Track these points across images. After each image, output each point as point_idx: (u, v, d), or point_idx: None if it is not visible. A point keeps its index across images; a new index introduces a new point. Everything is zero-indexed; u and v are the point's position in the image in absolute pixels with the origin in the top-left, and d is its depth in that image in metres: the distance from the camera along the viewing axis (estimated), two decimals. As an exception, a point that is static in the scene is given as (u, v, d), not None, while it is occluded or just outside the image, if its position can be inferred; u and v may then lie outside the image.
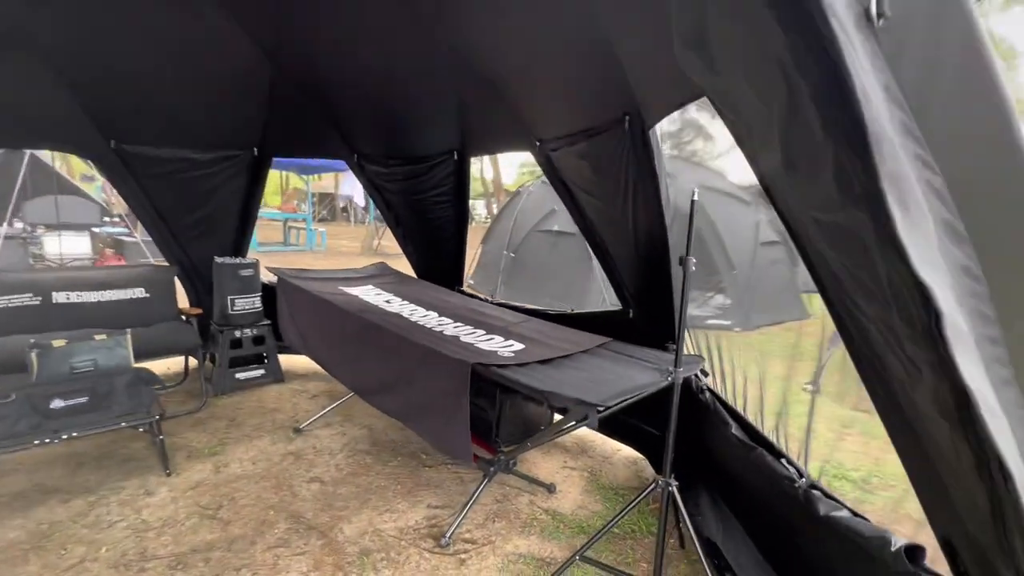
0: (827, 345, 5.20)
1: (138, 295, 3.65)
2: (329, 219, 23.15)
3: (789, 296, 7.89)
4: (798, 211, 1.03)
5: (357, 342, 2.67)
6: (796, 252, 1.27)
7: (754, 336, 6.51)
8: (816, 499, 1.44)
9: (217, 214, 4.04)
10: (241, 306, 4.01)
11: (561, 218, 7.57)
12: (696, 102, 1.74)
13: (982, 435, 0.69)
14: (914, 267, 0.68)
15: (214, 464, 2.82)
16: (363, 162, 3.85)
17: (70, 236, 7.49)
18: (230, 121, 3.62)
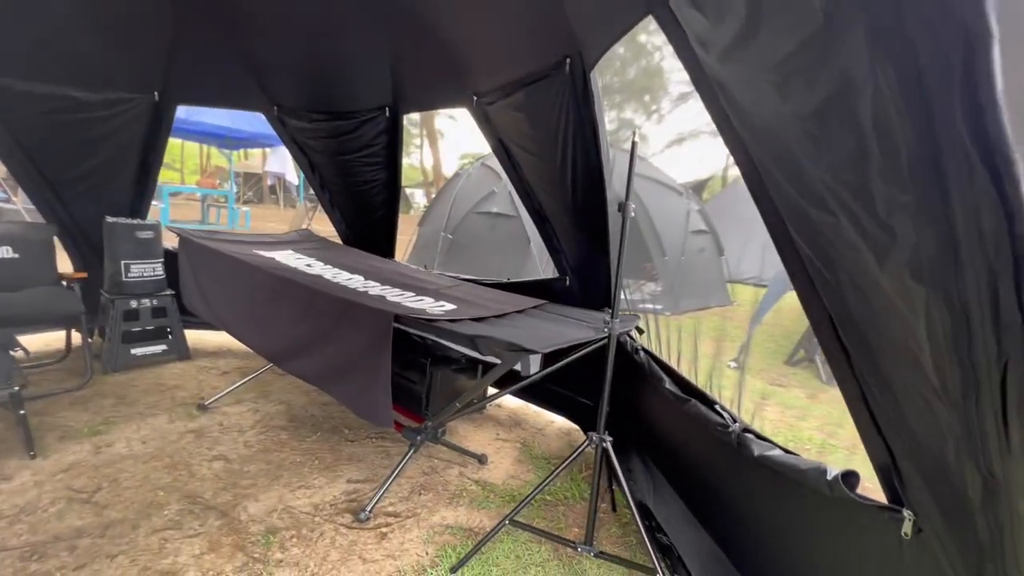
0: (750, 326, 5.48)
1: (5, 255, 3.11)
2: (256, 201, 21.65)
3: (716, 283, 8.28)
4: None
5: (269, 302, 2.40)
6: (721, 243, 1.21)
7: (684, 320, 6.73)
8: (749, 441, 1.41)
9: (108, 168, 3.53)
10: (138, 272, 3.55)
11: (500, 200, 7.46)
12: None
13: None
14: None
15: (93, 445, 2.44)
16: (283, 116, 3.50)
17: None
18: (126, 57, 3.14)
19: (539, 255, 6.89)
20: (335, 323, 1.99)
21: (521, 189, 2.84)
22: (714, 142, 22.33)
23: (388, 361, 1.76)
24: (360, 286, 2.50)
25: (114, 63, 3.14)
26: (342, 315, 1.96)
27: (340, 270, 2.84)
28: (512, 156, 2.76)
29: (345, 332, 1.95)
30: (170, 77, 3.32)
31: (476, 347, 1.54)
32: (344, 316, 1.95)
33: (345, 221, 3.94)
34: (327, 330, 2.03)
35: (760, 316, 4.85)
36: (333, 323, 1.99)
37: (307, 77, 3.29)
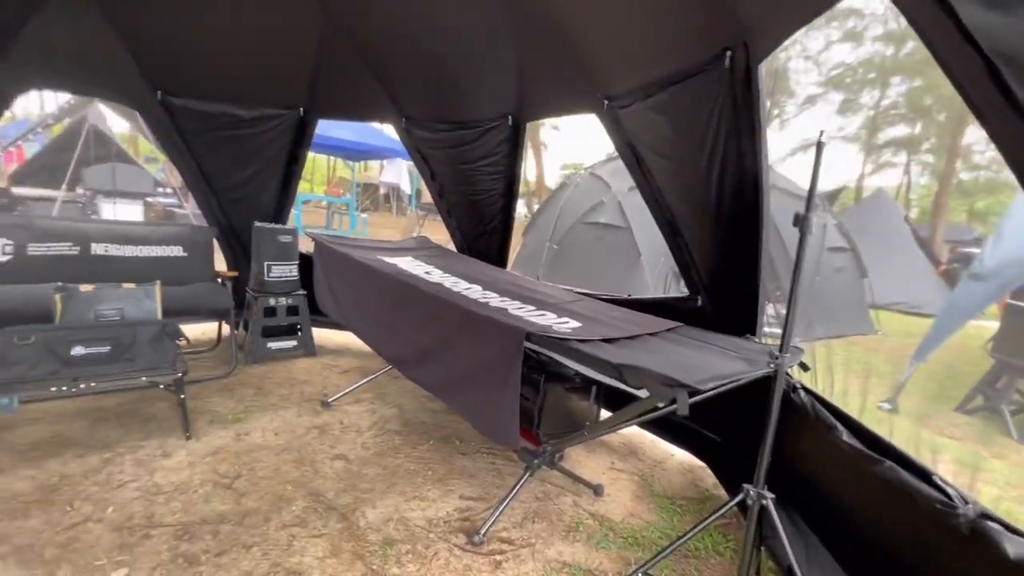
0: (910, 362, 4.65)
1: (176, 253, 3.55)
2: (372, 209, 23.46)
3: (856, 308, 7.25)
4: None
5: (394, 308, 2.43)
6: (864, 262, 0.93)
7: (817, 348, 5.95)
8: (994, 534, 1.06)
9: (259, 177, 3.91)
10: (278, 273, 3.86)
11: (608, 210, 7.20)
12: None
13: None
14: None
15: (235, 432, 2.64)
16: (410, 126, 3.62)
17: (124, 203, 7.68)
18: (277, 77, 3.46)
19: (650, 269, 6.52)
20: (460, 334, 1.93)
21: (651, 198, 2.61)
22: (847, 148, 19.93)
23: (517, 380, 1.64)
24: (480, 296, 2.45)
25: (268, 82, 3.46)
26: (467, 327, 1.89)
27: (459, 279, 2.82)
28: (643, 162, 2.55)
29: (470, 345, 1.88)
30: (313, 94, 3.59)
31: (621, 377, 1.37)
32: (470, 328, 1.88)
33: (461, 229, 3.97)
34: (451, 341, 1.98)
35: (925, 353, 4.08)
36: (458, 334, 1.94)
37: (434, 89, 3.36)
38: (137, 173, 7.86)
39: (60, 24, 2.82)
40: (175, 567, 1.68)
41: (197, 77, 3.31)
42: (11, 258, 3.01)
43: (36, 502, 1.93)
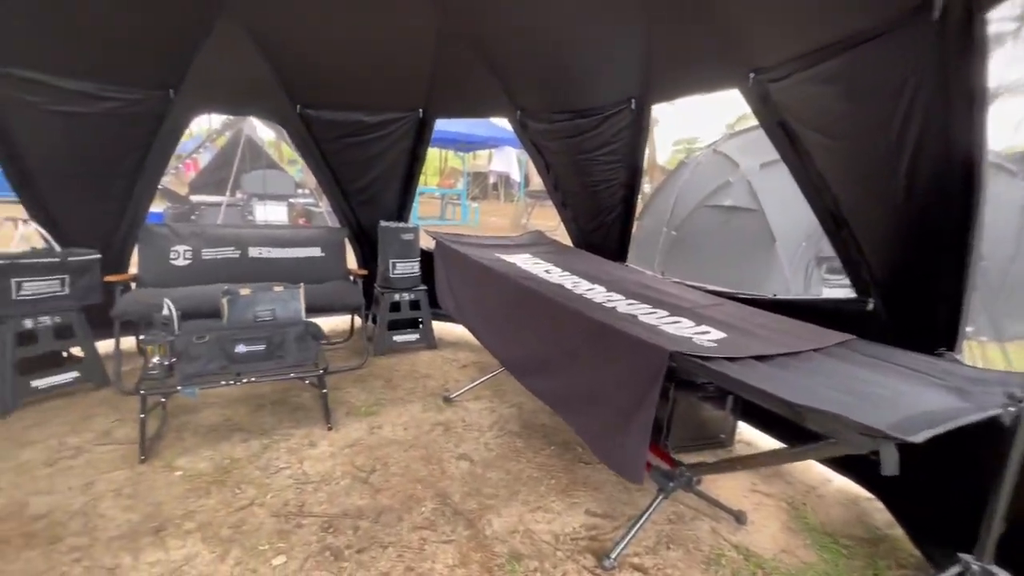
0: None
1: (315, 254, 3.87)
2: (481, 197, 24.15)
3: (1069, 300, 5.78)
4: None
5: (513, 311, 2.37)
6: None
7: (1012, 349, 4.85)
8: None
9: (384, 178, 4.11)
10: (401, 270, 4.05)
11: (737, 191, 6.51)
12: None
13: None
14: None
15: (369, 424, 2.80)
16: (525, 119, 3.52)
17: (272, 205, 8.68)
18: (398, 82, 3.57)
19: (787, 259, 5.79)
20: (587, 347, 1.80)
21: (808, 183, 2.22)
22: (1052, 96, 15.98)
23: (652, 407, 1.47)
24: (603, 299, 2.29)
25: (390, 88, 3.58)
26: (597, 340, 1.75)
27: (580, 278, 2.68)
28: (798, 142, 2.17)
29: (598, 361, 1.74)
30: (431, 95, 3.65)
31: (801, 419, 1.13)
32: (599, 342, 1.74)
33: (577, 222, 3.82)
34: (576, 353, 1.86)
35: None
36: (585, 347, 1.81)
37: (550, 79, 3.22)
38: (282, 177, 8.83)
39: (220, 54, 3.16)
40: (323, 559, 1.80)
41: (328, 89, 3.54)
42: (190, 262, 3.50)
43: (214, 482, 2.20)
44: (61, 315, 2.92)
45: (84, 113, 2.96)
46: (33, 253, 2.81)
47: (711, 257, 6.52)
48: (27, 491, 2.08)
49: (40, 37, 2.68)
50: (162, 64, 3.10)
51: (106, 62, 2.92)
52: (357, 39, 3.30)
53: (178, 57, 3.10)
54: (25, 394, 2.78)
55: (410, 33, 3.27)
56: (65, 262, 2.91)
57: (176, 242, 3.49)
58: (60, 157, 3.06)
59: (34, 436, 2.51)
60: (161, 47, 3.02)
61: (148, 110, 3.20)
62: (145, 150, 3.36)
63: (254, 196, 8.80)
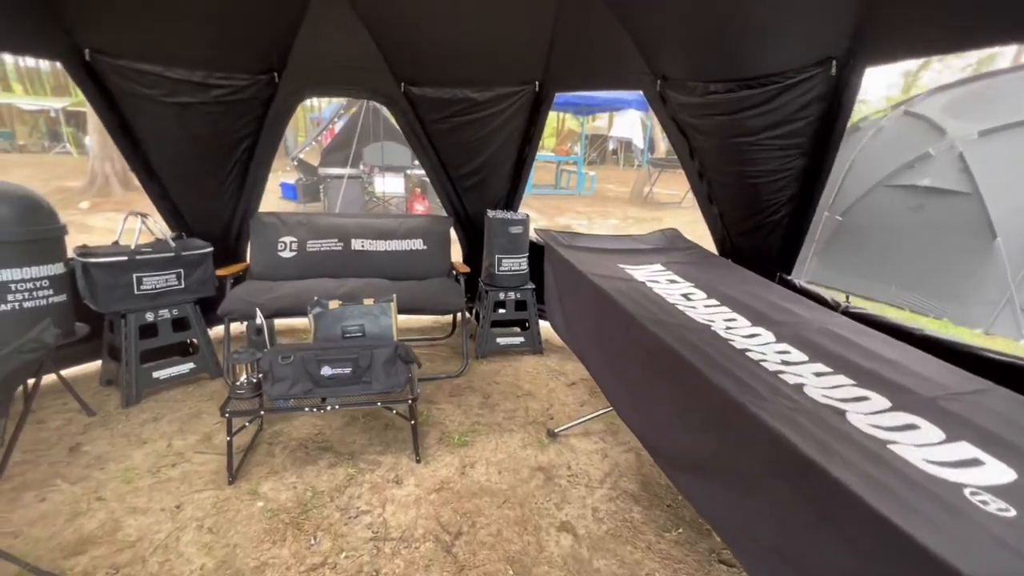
0: None
1: (416, 247, 3.58)
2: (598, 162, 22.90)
3: None
4: None
5: (644, 369, 1.79)
6: None
7: None
8: None
9: (493, 161, 3.65)
10: (507, 266, 3.62)
11: (939, 166, 4.98)
12: None
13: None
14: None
15: (461, 459, 2.46)
16: (668, 89, 2.77)
17: (390, 177, 8.78)
18: (511, 53, 3.02)
19: (1014, 262, 4.30)
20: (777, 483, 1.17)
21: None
22: None
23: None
24: (775, 358, 1.60)
25: (501, 61, 3.05)
26: (797, 481, 1.11)
27: (734, 313, 1.99)
28: None
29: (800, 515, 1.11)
30: (550, 65, 3.04)
31: None
32: (801, 483, 1.10)
33: (725, 220, 3.02)
34: (752, 480, 1.25)
35: None
36: (771, 479, 1.19)
37: (707, 37, 2.43)
38: (399, 149, 8.84)
39: (322, 33, 2.87)
40: (390, 669, 1.48)
41: (434, 64, 3.11)
42: (295, 254, 3.40)
43: (291, 523, 2.01)
44: (178, 308, 2.97)
45: (195, 103, 2.87)
46: (149, 249, 2.84)
47: (892, 255, 5.16)
48: (126, 507, 2.06)
49: (148, 29, 2.58)
50: (265, 47, 2.90)
51: (212, 50, 2.78)
52: (466, 11, 2.80)
53: (280, 39, 2.87)
54: (147, 384, 2.88)
55: None
56: (179, 256, 2.92)
57: (283, 232, 3.41)
58: (178, 148, 3.05)
59: (147, 434, 2.55)
60: (263, 30, 2.81)
61: (254, 95, 3.05)
62: (255, 137, 3.27)
63: (374, 168, 8.97)
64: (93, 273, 2.65)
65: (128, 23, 2.53)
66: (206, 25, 2.64)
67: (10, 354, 1.31)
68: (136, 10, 2.49)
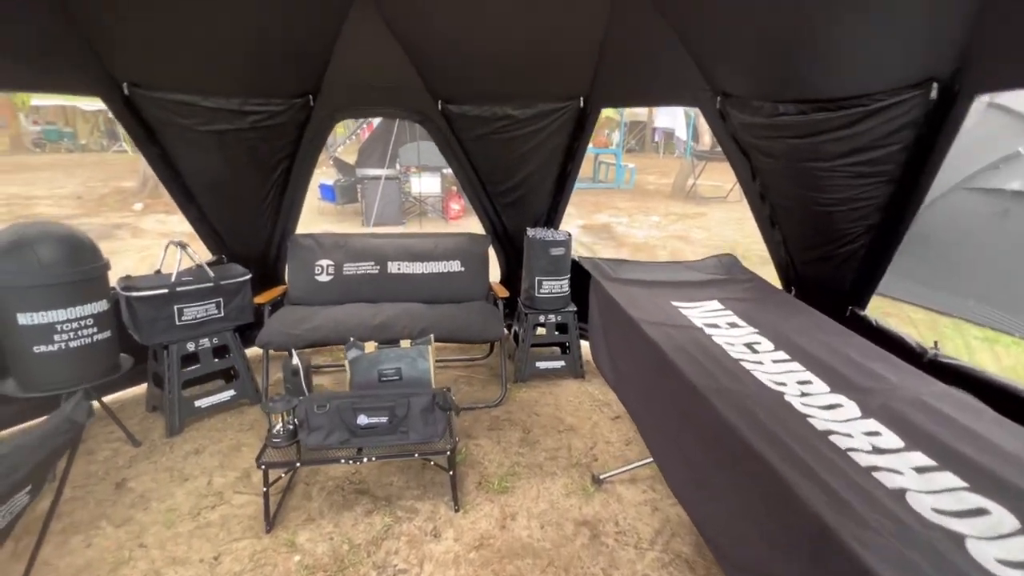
0: None
1: (454, 268, 3.46)
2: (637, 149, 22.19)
3: None
4: None
5: (706, 451, 1.60)
6: None
7: None
8: None
9: (534, 178, 3.48)
10: (548, 288, 3.46)
11: (1031, 169, 4.45)
12: None
13: None
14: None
15: (501, 508, 2.34)
16: (729, 107, 2.51)
17: (427, 177, 8.71)
18: (554, 68, 2.82)
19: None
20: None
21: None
22: None
23: None
24: (867, 448, 1.38)
25: (545, 78, 2.86)
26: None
27: (810, 373, 1.77)
28: None
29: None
30: (596, 80, 2.82)
31: None
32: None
33: (789, 246, 2.76)
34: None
35: None
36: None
37: (779, 52, 2.15)
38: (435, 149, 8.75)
39: (356, 55, 2.77)
40: None
41: (471, 82, 2.96)
42: (332, 278, 3.35)
43: (327, 583, 1.95)
44: (218, 336, 2.96)
45: (232, 129, 2.82)
46: (190, 278, 2.83)
47: (970, 265, 4.69)
48: (166, 555, 2.05)
49: (184, 61, 2.53)
50: (300, 72, 2.82)
51: (247, 77, 2.72)
52: (507, 20, 2.61)
53: (315, 62, 2.77)
54: (189, 413, 2.90)
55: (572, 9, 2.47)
56: (218, 286, 2.90)
57: (320, 255, 3.36)
58: (216, 173, 3.03)
59: (189, 469, 2.56)
60: (297, 55, 2.72)
61: (290, 119, 2.99)
62: (291, 159, 3.21)
63: (411, 168, 8.92)
64: (136, 306, 2.66)
65: (164, 56, 2.49)
66: (241, 54, 2.57)
67: (42, 442, 1.27)
68: (172, 44, 2.43)
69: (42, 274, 2.24)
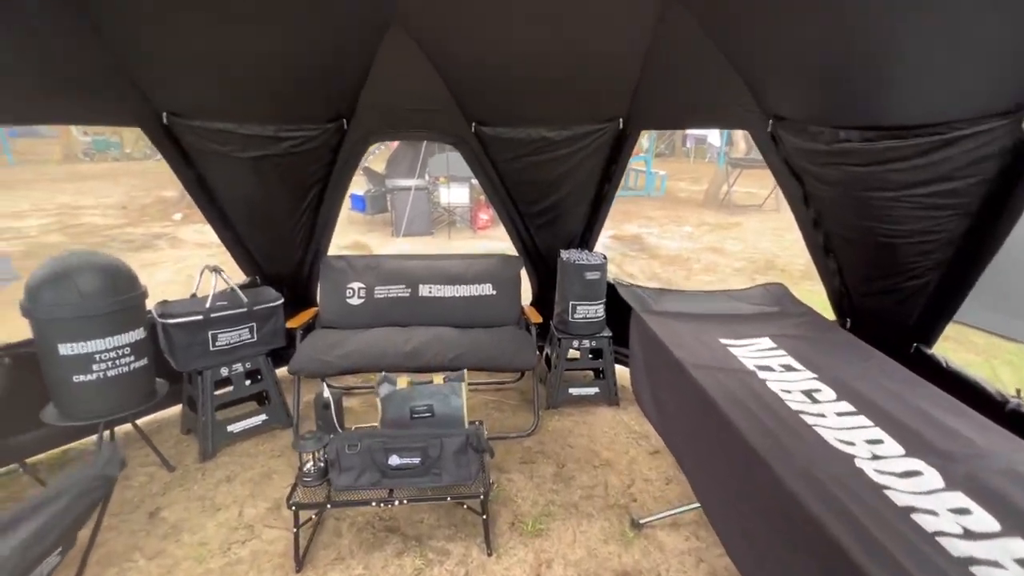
0: None
1: (485, 292, 3.38)
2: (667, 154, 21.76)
3: None
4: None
5: (768, 525, 1.46)
6: None
7: None
8: None
9: (568, 199, 3.37)
10: (583, 313, 3.34)
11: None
12: None
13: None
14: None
15: (536, 553, 2.24)
16: (781, 131, 2.35)
17: (455, 187, 8.69)
18: (592, 91, 2.72)
19: None
20: None
21: None
22: None
23: None
24: (958, 532, 1.22)
25: (582, 99, 2.76)
26: None
27: (880, 431, 1.61)
28: None
29: None
30: (636, 101, 2.70)
31: None
32: None
33: (845, 277, 2.57)
34: None
35: None
36: None
37: (837, 76, 2.00)
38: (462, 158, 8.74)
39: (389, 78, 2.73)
40: None
41: (506, 104, 2.88)
42: (363, 301, 3.31)
43: (357, 633, 1.88)
44: (251, 360, 2.96)
45: (267, 155, 2.82)
46: (224, 302, 2.83)
47: (1042, 288, 4.32)
48: (197, 594, 2.02)
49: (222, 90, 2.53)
50: (334, 97, 2.80)
51: (282, 105, 2.71)
52: (543, 41, 2.52)
53: (348, 87, 2.75)
54: (222, 438, 2.90)
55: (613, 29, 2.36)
56: (251, 311, 2.90)
57: (352, 278, 3.32)
58: (251, 197, 3.04)
59: (221, 498, 2.55)
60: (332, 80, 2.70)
61: (324, 143, 2.97)
62: (324, 181, 3.20)
63: (439, 178, 8.92)
64: (172, 333, 2.67)
65: (203, 86, 2.49)
66: (276, 82, 2.55)
67: (74, 502, 1.23)
68: (210, 74, 2.44)
69: (82, 306, 2.25)
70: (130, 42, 2.24)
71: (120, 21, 2.16)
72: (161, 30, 2.22)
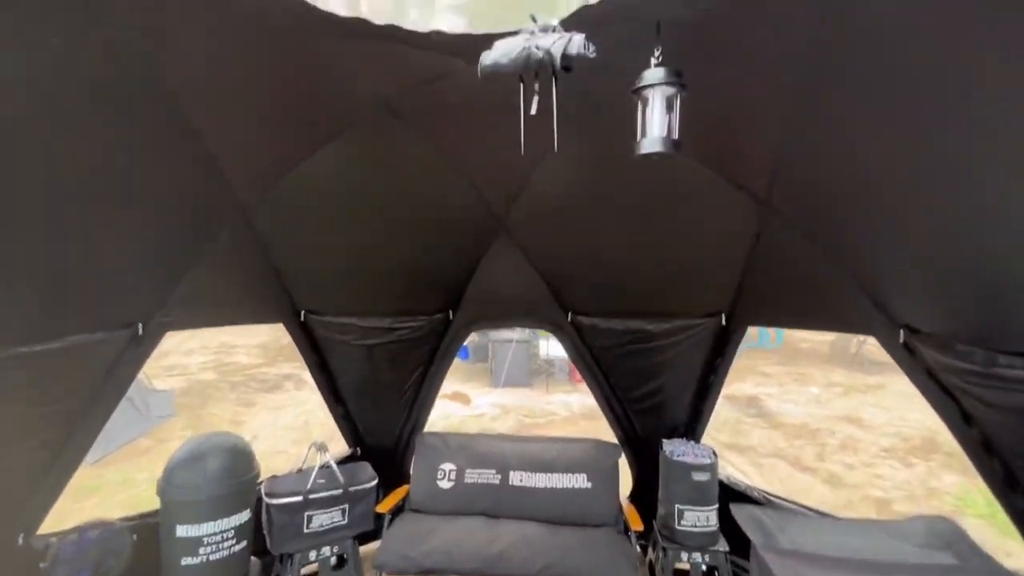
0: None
1: (579, 484, 3.13)
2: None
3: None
4: None
5: None
6: None
7: None
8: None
9: (670, 387, 3.20)
10: (691, 520, 2.92)
11: None
12: None
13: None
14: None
15: None
16: (919, 344, 2.08)
17: (555, 340, 8.80)
18: (692, 285, 2.72)
19: None
20: None
21: None
22: None
23: None
24: None
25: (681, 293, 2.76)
26: None
27: None
28: None
29: None
30: (740, 299, 2.63)
31: None
32: None
33: None
34: None
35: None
36: None
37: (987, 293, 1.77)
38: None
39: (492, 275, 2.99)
40: None
41: (603, 296, 2.97)
42: (453, 484, 3.23)
43: None
44: (339, 544, 2.93)
45: (380, 343, 3.11)
46: (322, 481, 2.92)
47: None
48: None
49: (348, 291, 2.94)
50: (442, 293, 3.10)
51: (398, 301, 3.05)
52: (642, 237, 2.65)
53: (455, 285, 3.05)
54: (302, 631, 2.78)
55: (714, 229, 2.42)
56: (347, 492, 2.95)
57: (445, 456, 3.31)
58: (362, 378, 3.30)
59: None
60: (442, 280, 3.01)
61: (430, 331, 3.23)
62: (427, 365, 3.40)
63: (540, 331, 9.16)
64: (272, 512, 2.77)
65: (333, 288, 2.92)
66: (398, 286, 2.92)
67: None
68: (341, 279, 2.86)
69: (205, 488, 2.44)
70: (288, 259, 2.74)
71: (286, 239, 2.67)
72: (314, 247, 2.70)
